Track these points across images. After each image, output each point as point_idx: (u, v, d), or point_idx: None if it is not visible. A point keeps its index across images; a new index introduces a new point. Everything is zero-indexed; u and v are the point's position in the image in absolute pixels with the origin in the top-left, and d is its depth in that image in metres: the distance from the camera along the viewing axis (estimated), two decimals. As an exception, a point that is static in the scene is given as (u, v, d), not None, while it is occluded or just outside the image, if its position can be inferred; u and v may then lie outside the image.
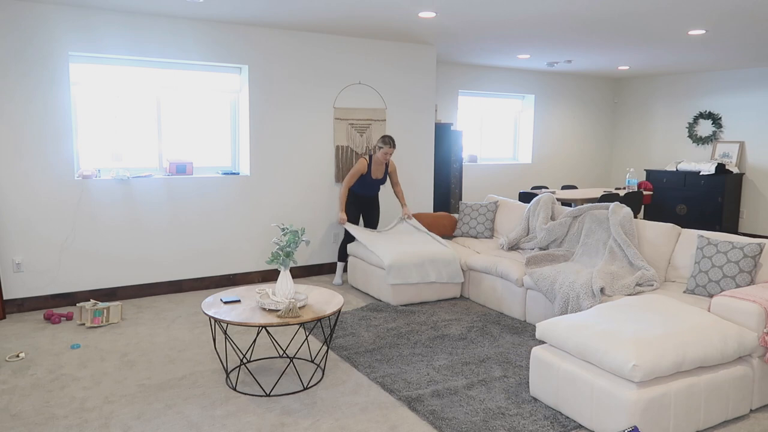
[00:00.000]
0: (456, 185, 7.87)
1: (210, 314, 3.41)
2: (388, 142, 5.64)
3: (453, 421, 3.13)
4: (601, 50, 6.94)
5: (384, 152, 5.65)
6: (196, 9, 4.97)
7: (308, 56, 6.03)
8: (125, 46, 5.13)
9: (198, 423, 3.12)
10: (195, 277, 5.71)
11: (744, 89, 8.56)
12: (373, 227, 6.01)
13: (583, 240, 4.98)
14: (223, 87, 5.82)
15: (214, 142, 5.91)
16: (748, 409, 3.26)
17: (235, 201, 5.82)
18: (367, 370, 3.79)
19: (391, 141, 5.65)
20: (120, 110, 5.42)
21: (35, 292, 5.02)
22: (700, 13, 4.91)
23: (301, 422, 3.14)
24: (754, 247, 3.83)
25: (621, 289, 4.20)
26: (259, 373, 3.76)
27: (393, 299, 5.14)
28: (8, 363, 3.89)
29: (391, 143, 5.65)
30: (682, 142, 9.34)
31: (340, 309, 3.93)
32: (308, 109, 6.09)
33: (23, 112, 4.81)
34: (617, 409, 2.86)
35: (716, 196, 8.32)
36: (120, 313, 4.76)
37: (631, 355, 2.81)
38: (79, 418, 3.16)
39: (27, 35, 4.75)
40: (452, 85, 8.50)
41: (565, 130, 9.77)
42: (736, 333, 3.13)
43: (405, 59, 6.64)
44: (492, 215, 6.03)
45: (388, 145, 5.64)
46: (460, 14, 5.08)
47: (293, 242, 3.59)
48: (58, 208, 5.03)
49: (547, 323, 3.32)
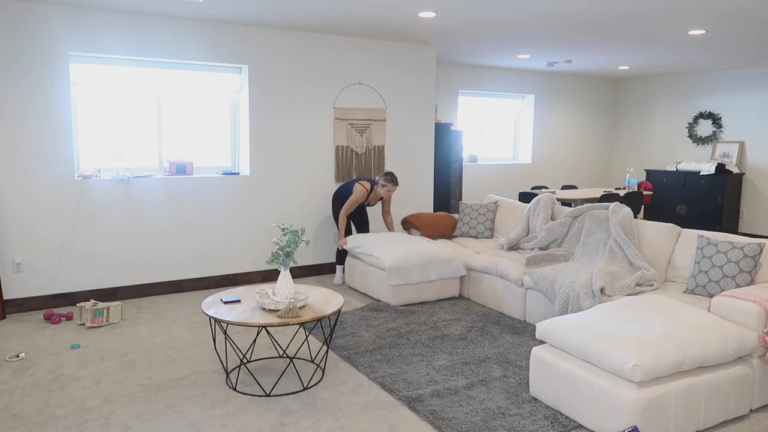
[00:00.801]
0: (456, 185, 7.87)
1: (210, 314, 3.41)
2: (391, 180, 5.61)
3: (453, 421, 3.13)
4: (601, 50, 6.94)
5: (387, 190, 5.63)
6: (196, 9, 4.97)
7: (308, 56, 6.03)
8: (125, 46, 5.13)
9: (198, 423, 3.12)
10: (195, 277, 5.71)
11: (744, 89, 8.55)
12: (365, 230, 6.02)
13: (583, 240, 4.98)
14: (223, 87, 5.82)
15: (214, 142, 5.90)
16: (748, 409, 3.26)
17: (235, 201, 5.82)
18: (367, 370, 3.79)
19: (395, 179, 5.63)
20: (120, 110, 5.42)
21: (35, 292, 5.03)
22: (700, 13, 4.91)
23: (301, 422, 3.14)
24: (754, 247, 3.83)
25: (621, 289, 4.20)
26: (259, 373, 3.76)
27: (393, 299, 5.14)
28: (8, 363, 3.89)
29: (395, 181, 5.63)
30: (682, 142, 9.34)
31: (340, 309, 3.93)
32: (308, 109, 6.09)
33: (23, 112, 4.81)
34: (617, 409, 2.86)
35: (716, 196, 8.32)
36: (120, 313, 4.76)
37: (631, 355, 2.81)
38: (79, 418, 3.16)
39: (27, 35, 4.75)
40: (452, 85, 8.50)
41: (565, 130, 9.77)
42: (736, 333, 3.13)
43: (405, 59, 6.64)
44: (492, 215, 6.03)
45: (392, 184, 5.61)
46: (460, 14, 5.08)
47: (293, 242, 3.59)
48: (58, 208, 5.03)
49: (547, 323, 3.32)
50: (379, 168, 6.58)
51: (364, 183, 5.68)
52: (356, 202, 5.63)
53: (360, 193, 5.62)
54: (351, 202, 5.63)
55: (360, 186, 5.65)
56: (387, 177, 5.63)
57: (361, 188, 5.63)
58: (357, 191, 5.62)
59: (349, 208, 5.65)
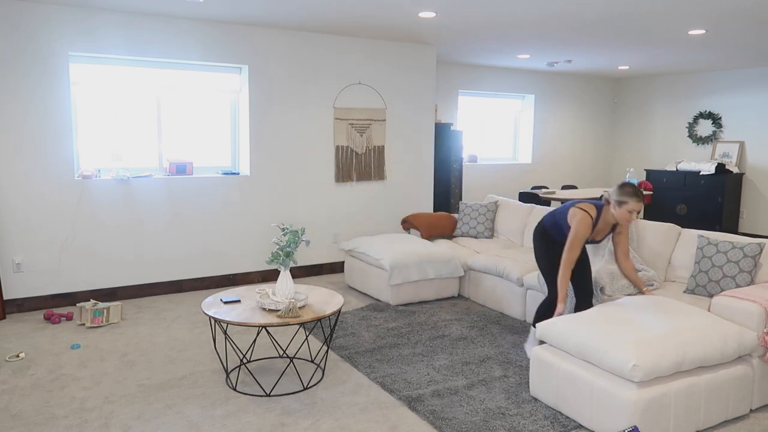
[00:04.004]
0: (456, 185, 7.87)
1: (210, 314, 3.41)
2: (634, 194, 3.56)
3: (453, 421, 3.13)
4: (601, 50, 6.94)
5: (628, 210, 3.57)
6: (196, 9, 4.97)
7: (308, 56, 6.02)
8: (125, 46, 5.13)
9: (198, 423, 3.11)
10: (195, 277, 5.71)
11: (744, 89, 8.55)
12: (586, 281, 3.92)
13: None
14: (223, 87, 5.82)
15: (214, 142, 5.90)
16: (748, 409, 3.26)
17: (235, 201, 5.82)
18: (367, 370, 3.79)
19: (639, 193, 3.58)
20: (120, 110, 5.42)
21: (35, 292, 5.02)
22: (700, 13, 4.91)
23: (301, 422, 3.14)
24: (754, 247, 3.83)
25: (621, 289, 4.20)
26: (259, 373, 3.76)
27: (393, 299, 5.14)
28: (8, 363, 3.89)
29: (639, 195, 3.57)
30: (682, 142, 9.34)
31: (340, 309, 3.93)
32: (308, 109, 6.09)
33: (23, 112, 4.81)
34: (617, 409, 2.86)
35: (716, 196, 8.32)
36: (120, 313, 4.76)
37: (631, 355, 2.80)
38: (79, 418, 3.16)
39: (27, 35, 4.75)
40: (452, 85, 8.50)
41: (565, 130, 9.77)
42: (736, 333, 3.13)
43: (405, 59, 6.64)
44: (492, 215, 6.02)
45: (635, 199, 3.55)
46: (460, 14, 5.08)
47: (293, 242, 3.59)
48: (58, 208, 5.03)
49: (547, 323, 3.32)
50: (378, 168, 6.56)
51: (585, 206, 3.66)
52: (582, 237, 3.59)
53: (584, 224, 3.59)
54: (575, 240, 3.57)
55: (580, 212, 3.62)
56: (625, 190, 3.57)
57: (582, 215, 3.60)
58: (578, 220, 3.59)
59: (573, 249, 3.57)
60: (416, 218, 6.08)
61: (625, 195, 3.56)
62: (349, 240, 6.20)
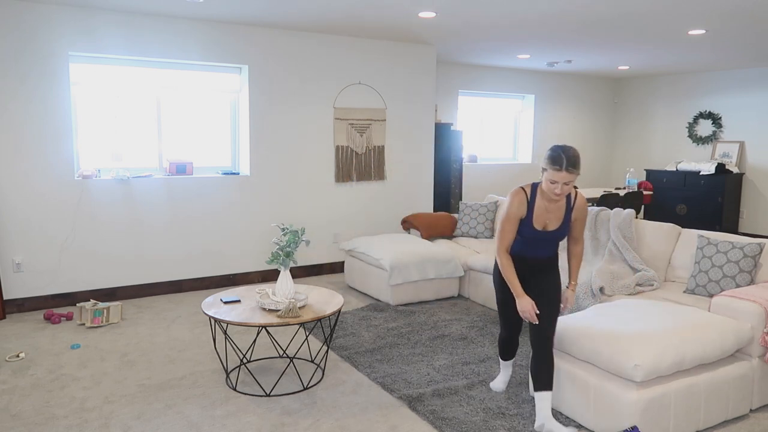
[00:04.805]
0: (456, 185, 7.87)
1: (210, 314, 3.41)
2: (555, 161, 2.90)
3: (453, 421, 3.13)
4: (601, 50, 6.94)
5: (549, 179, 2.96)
6: (196, 9, 4.97)
7: (308, 56, 6.02)
8: (125, 46, 5.13)
9: (198, 423, 3.11)
10: (195, 277, 5.71)
11: (744, 89, 8.55)
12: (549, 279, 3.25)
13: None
14: (223, 87, 5.82)
15: (214, 142, 5.90)
16: (748, 409, 3.26)
17: (235, 201, 5.82)
18: (367, 370, 3.79)
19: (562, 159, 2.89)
20: (120, 110, 5.42)
21: (35, 292, 5.02)
22: (700, 13, 4.91)
23: (301, 422, 3.14)
24: (754, 247, 3.83)
25: (621, 289, 4.20)
26: (259, 373, 3.76)
27: (393, 299, 5.14)
28: (8, 363, 3.89)
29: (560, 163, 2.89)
30: (682, 142, 9.34)
31: (340, 309, 3.93)
32: (308, 108, 6.09)
33: (23, 112, 4.81)
34: (617, 409, 2.86)
35: (716, 196, 8.32)
36: (120, 313, 4.76)
37: (632, 354, 2.80)
38: (79, 418, 3.16)
39: (27, 35, 4.75)
40: (452, 85, 8.50)
41: (565, 130, 9.77)
42: (733, 327, 3.14)
43: (405, 59, 6.64)
44: (492, 215, 6.02)
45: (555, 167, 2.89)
46: (460, 14, 5.08)
47: (293, 242, 3.59)
48: (58, 208, 5.03)
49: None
50: (378, 168, 6.56)
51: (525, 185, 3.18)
52: (511, 216, 3.09)
53: (514, 201, 3.10)
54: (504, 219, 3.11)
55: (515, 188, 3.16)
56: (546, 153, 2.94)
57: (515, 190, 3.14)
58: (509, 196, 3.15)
59: (502, 230, 3.11)
60: (416, 218, 6.08)
61: (545, 160, 2.88)
62: (349, 240, 6.20)
